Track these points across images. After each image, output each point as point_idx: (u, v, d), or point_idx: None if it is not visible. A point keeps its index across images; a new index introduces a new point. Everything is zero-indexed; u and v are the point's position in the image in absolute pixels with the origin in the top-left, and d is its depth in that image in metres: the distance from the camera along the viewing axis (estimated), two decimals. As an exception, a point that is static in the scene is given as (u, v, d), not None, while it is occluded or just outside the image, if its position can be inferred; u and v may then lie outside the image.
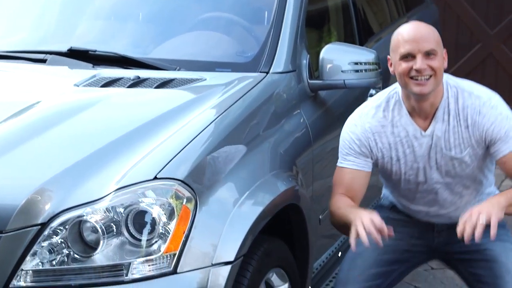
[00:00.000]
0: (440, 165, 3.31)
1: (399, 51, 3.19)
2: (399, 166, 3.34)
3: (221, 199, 3.03)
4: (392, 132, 3.31)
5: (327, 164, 3.90)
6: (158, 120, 3.18)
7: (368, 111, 3.36)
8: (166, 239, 2.83)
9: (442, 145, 3.27)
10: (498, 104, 3.24)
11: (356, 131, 3.34)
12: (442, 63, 3.20)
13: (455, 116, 3.25)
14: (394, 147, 3.32)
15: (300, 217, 3.48)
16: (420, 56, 3.15)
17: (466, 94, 3.25)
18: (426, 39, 3.17)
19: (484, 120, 3.21)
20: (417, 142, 3.29)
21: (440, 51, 3.20)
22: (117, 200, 2.82)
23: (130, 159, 2.94)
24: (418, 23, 3.25)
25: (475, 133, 3.24)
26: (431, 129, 3.27)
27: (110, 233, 2.81)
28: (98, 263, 2.78)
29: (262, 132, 3.41)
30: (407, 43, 3.17)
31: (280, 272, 3.35)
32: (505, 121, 3.21)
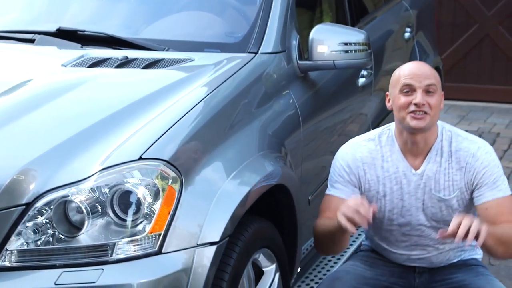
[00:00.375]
0: (427, 206, 3.31)
1: (399, 84, 3.22)
2: (384, 202, 3.34)
3: (208, 180, 3.02)
4: (381, 166, 3.33)
5: (316, 145, 3.90)
6: (145, 101, 3.18)
7: (360, 142, 3.39)
8: (151, 220, 2.83)
9: (431, 186, 3.28)
10: (491, 152, 3.30)
11: (347, 158, 3.36)
12: (440, 103, 3.23)
13: (447, 158, 3.27)
14: (382, 181, 3.33)
15: (288, 198, 3.48)
16: (420, 91, 3.18)
17: (460, 139, 3.29)
18: (428, 76, 3.22)
19: (478, 163, 3.25)
20: (406, 180, 3.30)
21: (439, 91, 3.23)
22: (102, 180, 2.82)
23: (116, 140, 2.94)
24: (420, 62, 3.33)
25: (466, 175, 3.26)
26: (422, 169, 3.28)
27: (95, 213, 2.81)
28: (83, 243, 2.78)
29: (250, 112, 3.41)
30: (409, 77, 3.21)
31: (268, 253, 3.35)
32: (496, 168, 3.26)
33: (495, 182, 3.24)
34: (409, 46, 5.43)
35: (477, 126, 7.72)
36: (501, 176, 3.26)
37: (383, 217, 3.38)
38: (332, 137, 4.13)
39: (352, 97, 4.35)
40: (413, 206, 3.32)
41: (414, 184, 3.29)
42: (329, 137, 4.07)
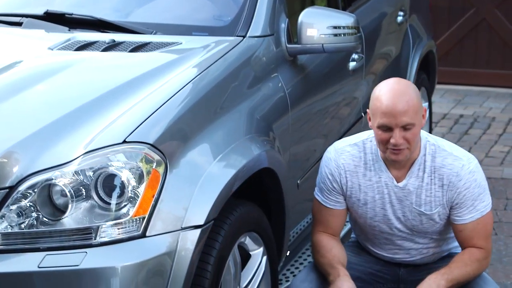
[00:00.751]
0: (408, 218, 3.30)
1: (377, 120, 3.13)
2: (365, 210, 3.33)
3: (193, 163, 3.02)
4: (364, 174, 3.30)
5: (305, 128, 3.89)
6: (131, 84, 3.17)
7: (344, 148, 3.33)
8: (135, 203, 2.82)
9: (412, 200, 3.26)
10: (476, 170, 3.22)
11: (330, 165, 3.33)
12: (419, 132, 3.16)
13: (430, 174, 3.23)
14: (364, 190, 3.30)
15: (275, 182, 3.47)
16: (397, 131, 3.10)
17: (444, 154, 3.22)
18: (405, 113, 3.07)
19: (460, 183, 3.20)
20: (387, 190, 3.28)
21: (418, 120, 3.13)
22: (86, 163, 2.81)
23: (101, 123, 2.93)
24: (398, 91, 3.13)
25: (448, 193, 3.22)
26: (404, 183, 3.25)
27: (79, 197, 2.81)
28: (67, 227, 2.78)
29: (238, 96, 3.40)
30: (385, 115, 3.10)
31: (254, 236, 3.35)
32: (476, 189, 3.21)
33: (473, 204, 3.21)
34: (402, 29, 5.41)
35: (473, 110, 7.72)
36: (481, 194, 3.22)
37: (365, 223, 3.38)
38: (323, 121, 4.12)
39: (343, 81, 4.34)
40: (394, 216, 3.31)
41: (396, 196, 3.27)
42: (319, 120, 4.06)
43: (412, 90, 3.17)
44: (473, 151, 6.61)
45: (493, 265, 4.73)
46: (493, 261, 4.77)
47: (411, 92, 3.15)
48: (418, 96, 3.17)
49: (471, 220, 3.22)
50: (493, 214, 5.30)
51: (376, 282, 3.45)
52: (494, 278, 4.53)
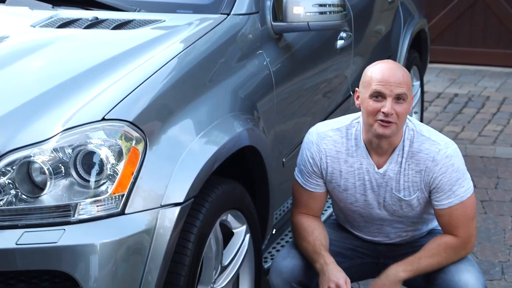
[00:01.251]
0: (388, 204, 3.30)
1: (370, 88, 3.13)
2: (345, 196, 3.33)
3: (174, 140, 3.01)
4: (345, 160, 3.29)
5: (291, 107, 3.88)
6: (113, 61, 3.16)
7: (326, 132, 3.32)
8: (114, 180, 2.82)
9: (392, 186, 3.25)
10: (453, 154, 3.20)
11: (312, 149, 3.32)
12: (408, 111, 3.16)
13: (407, 159, 3.22)
14: (345, 176, 3.30)
15: (259, 160, 3.47)
16: (390, 100, 3.11)
17: (422, 139, 3.22)
18: (401, 83, 3.12)
19: (436, 168, 3.19)
20: (368, 177, 3.27)
21: (409, 98, 3.15)
22: (65, 141, 2.81)
23: (80, 100, 2.92)
24: (393, 64, 3.20)
25: (425, 178, 3.22)
26: (385, 169, 3.24)
27: (58, 174, 2.80)
28: (45, 204, 2.78)
29: (221, 73, 3.39)
30: (381, 83, 3.11)
31: (237, 214, 3.35)
32: (454, 174, 3.19)
33: (451, 189, 3.20)
34: (393, 7, 5.39)
35: (468, 90, 7.71)
36: (460, 179, 3.21)
37: (345, 207, 3.38)
38: (309, 99, 4.11)
39: (330, 60, 4.32)
40: (375, 201, 3.31)
41: (376, 182, 3.27)
42: (305, 99, 4.05)
43: (407, 72, 3.22)
44: (466, 130, 6.62)
45: (482, 243, 4.75)
46: (481, 239, 4.79)
47: (406, 71, 3.21)
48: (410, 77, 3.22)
49: (449, 205, 3.21)
50: (483, 193, 5.36)
51: (357, 257, 3.46)
52: (482, 257, 4.58)
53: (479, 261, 4.54)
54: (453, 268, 3.24)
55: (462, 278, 3.21)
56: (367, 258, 3.48)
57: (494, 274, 4.41)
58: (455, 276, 3.22)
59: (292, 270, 3.32)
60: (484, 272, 4.39)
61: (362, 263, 3.49)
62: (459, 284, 3.20)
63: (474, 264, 3.29)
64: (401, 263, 3.25)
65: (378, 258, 3.48)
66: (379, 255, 3.47)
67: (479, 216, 5.10)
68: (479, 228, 4.93)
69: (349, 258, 3.46)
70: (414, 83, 5.89)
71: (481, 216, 5.10)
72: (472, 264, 3.29)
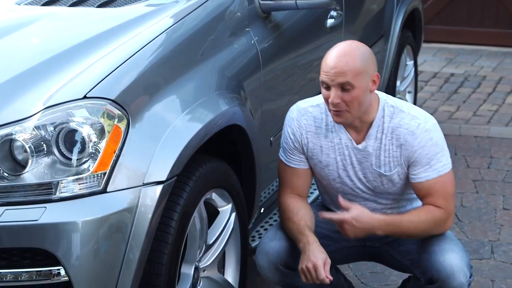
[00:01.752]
0: (369, 179, 3.30)
1: (320, 78, 3.15)
2: (327, 172, 3.33)
3: (158, 118, 3.00)
4: (325, 135, 3.29)
5: (279, 86, 3.88)
6: (97, 39, 3.15)
7: (306, 108, 3.32)
8: (96, 159, 2.82)
9: (372, 162, 3.25)
10: (432, 129, 3.20)
11: (293, 125, 3.33)
12: (361, 95, 3.11)
13: (388, 135, 3.22)
14: (326, 151, 3.30)
15: (245, 139, 3.47)
16: (333, 89, 3.09)
17: (402, 114, 3.22)
18: (342, 72, 3.07)
19: (415, 142, 3.19)
20: (348, 152, 3.28)
21: (360, 83, 3.09)
22: (47, 119, 2.81)
23: (63, 78, 2.92)
24: (342, 51, 3.12)
25: (404, 153, 3.21)
26: (364, 145, 3.25)
27: (40, 152, 2.80)
28: (27, 182, 2.78)
29: (208, 51, 3.38)
30: (324, 72, 3.10)
31: (222, 193, 3.35)
32: (432, 148, 3.19)
33: (429, 162, 3.19)
34: (386, -14, 5.36)
35: (464, 69, 7.69)
36: (438, 153, 3.20)
37: (328, 185, 3.39)
38: (297, 78, 4.11)
39: (320, 39, 4.31)
40: (356, 177, 3.31)
41: (356, 158, 3.27)
42: (293, 78, 4.05)
43: (360, 53, 3.13)
44: (461, 109, 6.61)
45: (472, 223, 4.75)
46: (472, 219, 4.79)
47: (358, 54, 3.12)
48: (366, 60, 3.14)
49: (427, 178, 3.21)
50: (476, 172, 5.36)
51: (342, 239, 3.46)
52: (472, 236, 4.58)
53: (469, 240, 4.54)
54: (437, 248, 3.24)
55: (447, 258, 3.21)
56: (353, 241, 3.47)
57: (484, 253, 4.41)
58: (439, 257, 3.22)
59: (278, 251, 3.32)
60: (473, 252, 4.42)
61: (348, 246, 3.49)
62: (443, 265, 3.20)
63: (458, 244, 3.29)
64: (382, 218, 3.20)
65: (363, 241, 3.47)
66: (364, 238, 3.47)
67: (471, 195, 5.10)
68: (470, 208, 4.94)
69: (335, 241, 3.46)
70: (407, 63, 5.88)
71: (472, 195, 5.10)
72: (456, 243, 3.29)
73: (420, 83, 7.29)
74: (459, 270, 3.19)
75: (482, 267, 4.28)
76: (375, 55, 5.05)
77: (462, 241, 4.52)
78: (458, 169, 5.44)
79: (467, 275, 3.21)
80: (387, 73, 5.33)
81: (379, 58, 5.17)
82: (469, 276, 3.23)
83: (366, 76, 3.12)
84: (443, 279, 3.20)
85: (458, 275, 3.19)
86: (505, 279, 4.16)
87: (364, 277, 4.17)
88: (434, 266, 3.22)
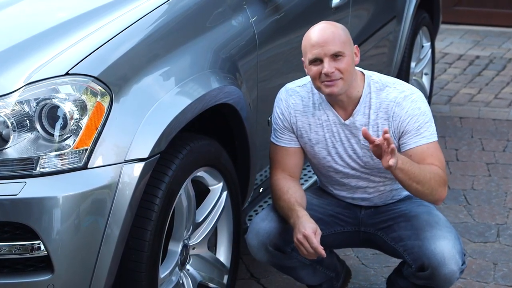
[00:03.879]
0: (358, 155, 3.31)
1: (307, 56, 3.21)
2: (317, 150, 3.35)
3: (144, 95, 3.00)
4: (313, 114, 3.33)
5: (276, 66, 3.86)
6: (85, 17, 3.16)
7: (294, 88, 3.39)
8: (78, 135, 2.85)
9: (360, 137, 3.26)
10: (418, 100, 3.24)
11: (281, 105, 3.39)
12: (351, 63, 3.20)
13: (375, 110, 3.25)
14: (314, 129, 3.33)
15: (238, 119, 3.47)
16: (327, 60, 3.16)
17: (389, 89, 3.27)
18: (331, 42, 3.17)
19: (402, 112, 3.22)
20: (336, 128, 3.31)
21: (348, 51, 3.19)
22: (29, 94, 2.83)
23: (47, 55, 2.94)
24: (323, 26, 3.25)
25: (393, 124, 3.24)
26: (351, 120, 3.28)
27: (23, 128, 2.83)
28: (8, 157, 2.81)
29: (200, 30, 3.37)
30: (314, 48, 3.18)
31: (212, 171, 3.36)
32: (421, 116, 3.22)
33: (418, 130, 3.21)
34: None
35: (490, 52, 7.59)
36: (427, 123, 3.22)
37: (319, 164, 3.41)
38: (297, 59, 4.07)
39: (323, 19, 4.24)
40: (345, 154, 3.33)
41: (344, 134, 3.30)
42: (293, 58, 4.01)
43: (340, 28, 3.27)
44: (482, 92, 6.53)
45: (481, 206, 4.70)
46: (481, 202, 4.75)
47: (338, 27, 3.27)
48: (345, 31, 3.26)
49: (417, 144, 3.22)
50: (491, 155, 5.30)
51: (337, 224, 3.46)
52: (479, 219, 4.55)
53: (475, 223, 4.50)
54: (429, 235, 3.22)
55: (438, 245, 3.19)
56: (348, 226, 3.48)
57: (489, 236, 4.37)
58: (431, 244, 3.20)
59: (268, 232, 3.33)
60: (478, 234, 4.38)
61: (343, 231, 3.49)
62: (434, 252, 3.19)
63: (452, 230, 3.27)
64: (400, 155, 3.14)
65: (358, 226, 3.47)
66: (359, 223, 3.47)
67: (483, 178, 5.05)
68: (480, 191, 4.89)
69: (329, 225, 3.46)
70: (424, 44, 5.82)
71: (484, 178, 5.05)
72: (449, 230, 3.26)
73: (444, 65, 7.21)
74: (451, 258, 3.17)
75: (486, 249, 4.24)
76: (387, 36, 5.10)
77: (468, 224, 4.49)
78: (473, 152, 5.39)
79: (459, 263, 3.19)
80: (400, 54, 5.27)
81: (391, 39, 5.14)
82: (461, 264, 3.21)
83: (350, 45, 3.23)
84: (434, 267, 3.19)
85: (449, 263, 3.17)
86: (508, 263, 4.12)
87: (366, 258, 4.16)
88: (426, 254, 3.21)
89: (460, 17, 8.14)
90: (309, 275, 3.52)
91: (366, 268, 4.09)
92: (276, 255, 3.35)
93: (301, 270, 3.49)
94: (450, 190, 4.88)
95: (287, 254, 3.36)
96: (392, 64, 5.22)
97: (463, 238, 4.33)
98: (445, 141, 5.52)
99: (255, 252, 3.37)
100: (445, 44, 7.78)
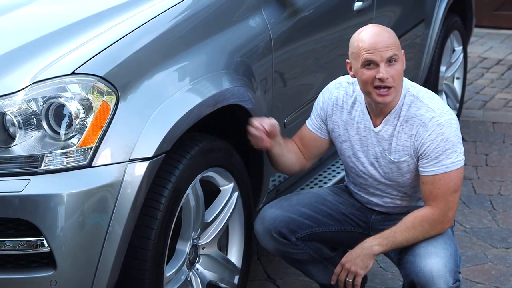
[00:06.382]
0: (380, 164, 3.32)
1: (360, 58, 3.16)
2: (345, 147, 3.39)
3: (151, 95, 3.02)
4: (349, 112, 3.36)
5: (296, 68, 3.85)
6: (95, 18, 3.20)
7: (342, 82, 3.42)
8: (83, 133, 2.88)
9: (385, 147, 3.27)
10: (445, 124, 3.18)
11: (326, 94, 3.44)
12: (402, 70, 3.18)
13: (402, 123, 3.23)
14: (345, 126, 3.36)
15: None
16: (383, 65, 3.13)
17: (420, 105, 3.22)
18: (388, 45, 3.14)
19: (426, 134, 3.19)
20: (366, 133, 3.32)
21: (401, 55, 3.18)
22: (36, 93, 2.87)
23: (55, 54, 2.98)
24: (376, 28, 3.22)
25: (414, 143, 3.22)
26: (379, 128, 3.28)
27: (29, 126, 2.88)
28: (15, 154, 2.85)
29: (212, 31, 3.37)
30: (369, 52, 3.14)
31: (224, 172, 3.37)
32: (442, 143, 3.17)
33: (437, 157, 3.17)
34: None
35: (528, 58, 7.49)
36: (448, 150, 3.16)
37: (344, 161, 3.46)
38: (319, 62, 4.07)
39: (345, 23, 4.25)
40: (368, 160, 3.34)
41: (371, 140, 3.31)
42: (314, 61, 4.02)
43: (392, 32, 3.23)
44: (518, 98, 6.46)
45: (506, 211, 4.67)
46: (507, 207, 4.74)
47: (391, 31, 3.23)
48: (396, 35, 3.24)
49: (433, 173, 3.18)
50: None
51: (348, 223, 3.46)
52: (503, 225, 4.51)
53: (499, 229, 4.46)
54: (422, 251, 3.19)
55: (428, 263, 3.15)
56: (358, 228, 3.48)
57: (512, 242, 4.33)
58: (421, 261, 3.17)
59: (274, 219, 3.37)
60: (501, 240, 4.33)
61: (351, 232, 3.49)
62: (423, 270, 3.15)
63: (449, 248, 3.21)
64: (377, 237, 3.24)
65: (368, 229, 3.47)
66: (369, 227, 3.47)
67: (511, 184, 4.99)
68: (507, 196, 4.84)
69: (340, 222, 3.46)
70: (456, 48, 5.77)
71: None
72: (446, 247, 3.21)
73: (482, 70, 7.14)
74: (439, 277, 3.12)
75: (508, 256, 4.20)
76: (415, 40, 5.05)
77: (492, 230, 4.44)
78: (503, 157, 5.32)
79: (449, 282, 3.13)
80: (429, 58, 5.22)
81: (418, 43, 5.10)
82: (452, 282, 3.14)
83: (401, 51, 3.20)
84: (422, 285, 3.16)
85: (437, 282, 3.13)
86: (528, 269, 4.07)
87: (384, 261, 4.13)
88: (415, 271, 3.18)
89: (502, 21, 8.05)
90: (319, 272, 3.52)
91: (384, 272, 4.07)
92: (281, 242, 3.38)
93: (311, 266, 3.50)
94: (476, 195, 4.84)
95: (292, 243, 3.37)
96: (420, 68, 5.18)
97: (485, 243, 4.30)
98: (476, 146, 5.47)
99: (261, 239, 3.41)
100: (484, 48, 7.70)
